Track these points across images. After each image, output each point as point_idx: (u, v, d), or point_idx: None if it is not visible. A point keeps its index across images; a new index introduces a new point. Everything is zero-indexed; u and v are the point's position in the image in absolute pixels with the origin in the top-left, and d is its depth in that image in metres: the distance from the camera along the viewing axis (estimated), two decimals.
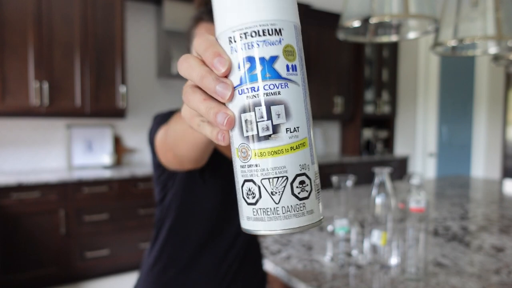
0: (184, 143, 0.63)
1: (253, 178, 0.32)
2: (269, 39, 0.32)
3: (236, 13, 0.32)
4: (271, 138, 0.31)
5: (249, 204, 0.33)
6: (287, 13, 0.33)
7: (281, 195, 0.32)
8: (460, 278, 1.03)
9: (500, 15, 1.60)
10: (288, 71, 0.33)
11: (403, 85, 4.98)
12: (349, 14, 1.34)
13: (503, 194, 2.30)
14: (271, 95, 0.31)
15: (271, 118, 0.31)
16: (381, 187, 1.01)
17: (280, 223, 0.32)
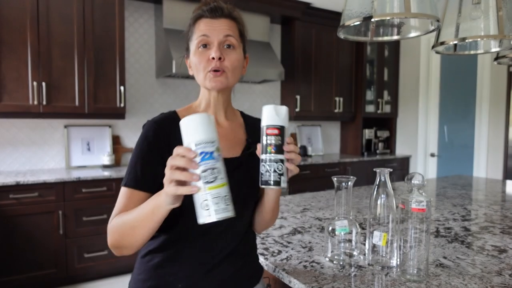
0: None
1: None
2: (209, 145, 0.71)
3: (195, 134, 0.72)
4: (214, 182, 0.71)
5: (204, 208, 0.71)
6: (214, 136, 0.73)
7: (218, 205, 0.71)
8: (462, 280, 1.02)
9: (502, 14, 1.59)
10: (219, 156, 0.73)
11: (404, 84, 4.97)
12: (349, 13, 1.33)
13: (505, 195, 2.28)
14: (211, 166, 0.71)
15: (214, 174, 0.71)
16: (382, 188, 1.00)
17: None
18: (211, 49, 0.93)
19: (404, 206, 1.02)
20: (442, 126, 4.56)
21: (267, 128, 0.83)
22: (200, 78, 0.96)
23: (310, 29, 4.33)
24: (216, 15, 0.95)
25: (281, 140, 0.83)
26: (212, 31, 0.93)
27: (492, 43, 1.84)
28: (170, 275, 0.92)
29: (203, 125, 0.70)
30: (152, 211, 0.79)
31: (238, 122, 1.07)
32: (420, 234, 1.01)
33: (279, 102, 4.57)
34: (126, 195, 0.89)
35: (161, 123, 0.94)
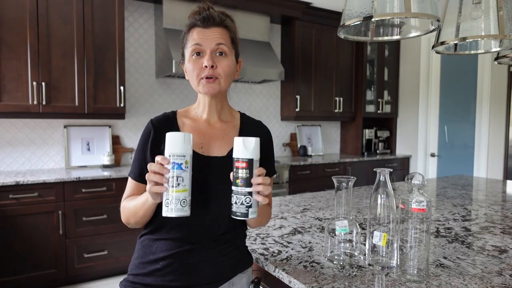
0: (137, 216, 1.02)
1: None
2: (179, 158, 0.87)
3: (171, 148, 0.87)
4: (178, 187, 0.86)
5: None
6: (186, 151, 0.88)
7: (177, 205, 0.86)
8: (462, 280, 1.02)
9: (503, 14, 1.58)
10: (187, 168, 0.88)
11: (404, 84, 4.97)
12: (349, 12, 1.33)
13: (506, 195, 2.28)
14: (178, 174, 0.86)
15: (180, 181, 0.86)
16: (382, 188, 1.00)
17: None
18: (204, 57, 1.02)
19: (404, 206, 1.01)
20: (443, 126, 4.56)
21: (236, 161, 0.89)
22: (194, 84, 1.05)
23: (310, 29, 4.33)
24: (208, 24, 1.03)
25: (249, 173, 0.88)
26: (205, 40, 1.02)
27: (492, 43, 1.84)
28: (153, 253, 1.04)
29: (178, 142, 0.86)
30: (143, 203, 0.97)
31: (233, 123, 1.15)
32: (420, 234, 1.00)
33: (279, 102, 4.57)
34: (132, 186, 1.07)
35: (159, 122, 1.07)
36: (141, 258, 1.06)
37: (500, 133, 4.00)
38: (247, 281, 1.13)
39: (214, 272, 1.05)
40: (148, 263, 1.04)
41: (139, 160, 1.05)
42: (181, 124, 1.09)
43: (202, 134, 1.08)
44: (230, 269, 1.08)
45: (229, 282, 1.08)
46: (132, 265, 1.08)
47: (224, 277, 1.07)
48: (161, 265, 1.02)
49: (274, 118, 4.55)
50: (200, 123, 1.10)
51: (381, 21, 1.49)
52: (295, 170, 3.97)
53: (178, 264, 1.02)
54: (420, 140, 4.75)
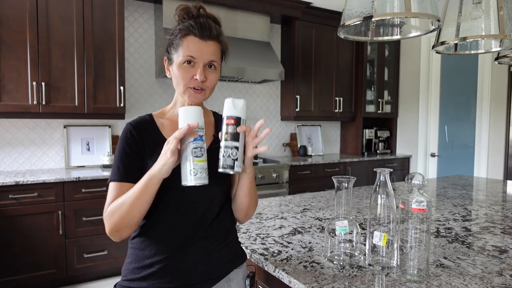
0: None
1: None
2: (200, 130, 0.92)
3: (193, 119, 0.91)
4: (201, 157, 0.91)
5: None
6: (203, 124, 0.94)
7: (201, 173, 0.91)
8: (462, 280, 1.02)
9: (503, 14, 1.58)
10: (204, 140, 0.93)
11: (404, 84, 4.97)
12: (350, 12, 1.33)
13: (506, 195, 2.28)
14: (200, 145, 0.92)
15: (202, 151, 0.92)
16: (382, 188, 1.00)
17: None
18: (195, 69, 1.03)
19: (405, 206, 1.01)
20: (443, 126, 4.56)
21: (226, 118, 0.95)
22: (179, 90, 1.06)
23: (310, 29, 4.33)
24: (204, 36, 1.03)
25: (237, 129, 0.95)
26: (199, 54, 1.03)
27: (493, 43, 1.84)
28: (147, 257, 1.03)
29: (198, 115, 0.92)
30: (145, 184, 0.93)
31: (208, 120, 1.16)
32: (421, 234, 1.00)
33: (279, 102, 4.56)
34: (115, 188, 1.02)
35: (137, 125, 1.06)
36: (135, 263, 1.05)
37: (500, 133, 4.00)
38: (243, 275, 1.14)
39: (210, 269, 1.06)
40: (143, 267, 1.03)
41: (121, 161, 1.02)
42: (160, 125, 1.09)
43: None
44: (225, 266, 1.10)
45: (226, 278, 1.09)
46: (126, 270, 1.07)
47: (220, 273, 1.08)
48: (156, 268, 1.02)
49: (274, 118, 4.55)
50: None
51: (381, 21, 1.49)
52: (295, 170, 3.96)
53: (174, 266, 1.02)
54: (420, 140, 4.74)
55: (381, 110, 4.87)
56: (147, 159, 1.03)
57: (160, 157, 0.91)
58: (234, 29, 3.78)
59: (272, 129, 4.54)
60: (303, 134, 4.74)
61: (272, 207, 1.90)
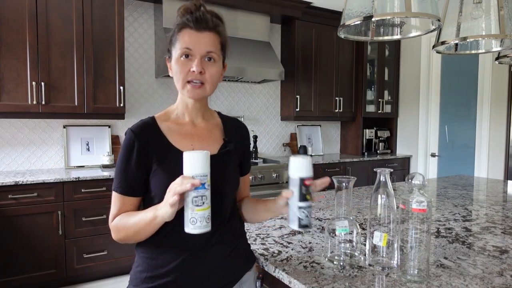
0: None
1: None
2: (203, 178, 0.88)
3: (195, 168, 0.87)
4: (202, 206, 0.88)
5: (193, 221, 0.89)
6: (207, 171, 0.89)
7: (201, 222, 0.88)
8: (463, 280, 1.01)
9: (504, 13, 1.58)
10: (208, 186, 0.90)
11: (404, 84, 4.96)
12: (350, 12, 1.32)
13: (506, 195, 2.28)
14: (201, 194, 0.88)
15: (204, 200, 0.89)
16: (383, 188, 0.99)
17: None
18: (192, 61, 0.99)
19: (405, 206, 1.01)
20: (443, 126, 4.56)
21: (306, 179, 0.95)
22: (179, 85, 1.03)
23: (310, 28, 4.32)
24: (200, 28, 1.00)
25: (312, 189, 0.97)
26: (195, 45, 0.99)
27: (493, 43, 1.84)
28: (162, 266, 1.00)
29: (200, 162, 0.88)
30: (150, 222, 0.93)
31: (215, 122, 1.15)
32: (421, 234, 1.00)
33: (279, 102, 4.56)
34: (119, 200, 1.04)
35: (139, 132, 1.02)
36: (147, 272, 1.01)
37: (500, 133, 3.99)
38: (253, 278, 1.14)
39: (226, 275, 1.05)
40: (157, 276, 1.00)
41: (125, 173, 1.00)
42: (165, 128, 1.05)
43: (190, 136, 1.07)
44: (239, 270, 1.09)
45: (239, 282, 1.09)
46: (138, 279, 1.03)
47: (235, 277, 1.08)
48: (172, 277, 0.99)
49: (274, 118, 4.55)
50: (185, 126, 1.08)
51: (381, 20, 1.49)
52: None
53: (191, 273, 1.00)
54: (421, 140, 4.74)
55: (381, 110, 4.87)
56: (155, 165, 1.00)
57: (163, 203, 0.89)
58: (234, 29, 3.78)
59: (272, 129, 4.54)
60: (303, 134, 4.74)
61: None
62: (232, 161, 1.09)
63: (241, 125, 1.20)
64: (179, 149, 1.03)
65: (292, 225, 0.96)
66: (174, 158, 0.99)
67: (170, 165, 0.99)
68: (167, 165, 0.99)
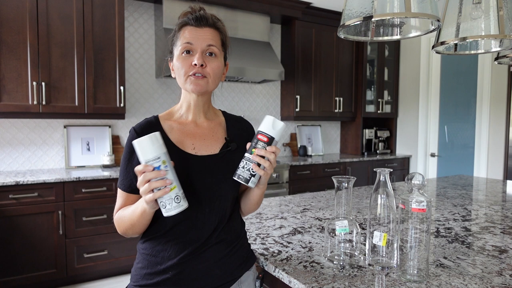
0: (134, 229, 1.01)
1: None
2: (155, 161, 0.86)
3: (144, 154, 0.87)
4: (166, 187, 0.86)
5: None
6: (158, 152, 0.87)
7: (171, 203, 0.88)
8: (462, 280, 1.02)
9: (503, 14, 1.58)
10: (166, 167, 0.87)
11: (404, 84, 4.97)
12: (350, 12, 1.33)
13: (506, 195, 2.28)
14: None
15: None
16: (382, 188, 1.00)
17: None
18: (194, 56, 1.01)
19: (404, 206, 1.01)
20: (443, 126, 4.56)
21: (260, 133, 0.94)
22: (181, 81, 1.03)
23: (310, 29, 4.33)
24: (200, 24, 1.02)
25: (266, 148, 0.95)
26: (196, 39, 1.01)
27: (492, 43, 1.84)
28: (160, 263, 1.01)
29: (147, 146, 0.86)
30: (141, 214, 0.95)
31: (218, 121, 1.15)
32: (421, 234, 1.00)
33: (279, 102, 4.57)
34: (122, 197, 1.05)
35: (141, 130, 1.04)
36: (147, 269, 1.03)
37: (500, 133, 4.00)
38: (253, 277, 1.14)
39: (224, 274, 1.05)
40: (156, 273, 1.01)
41: (127, 171, 1.03)
42: (168, 128, 1.06)
43: (192, 135, 1.08)
44: (238, 269, 1.09)
45: (237, 281, 1.09)
46: (138, 275, 1.05)
47: (233, 277, 1.08)
48: (171, 274, 1.00)
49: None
50: (187, 125, 1.09)
51: (381, 21, 1.49)
52: (295, 170, 3.97)
53: (189, 272, 1.01)
54: (420, 140, 4.75)
55: (381, 110, 4.87)
56: None
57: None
58: (234, 29, 3.79)
59: None
60: (303, 134, 4.74)
61: (272, 207, 1.90)
62: (234, 160, 1.09)
63: (246, 125, 1.20)
64: (180, 148, 1.04)
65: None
66: (174, 158, 1.01)
67: None
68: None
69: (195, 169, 1.03)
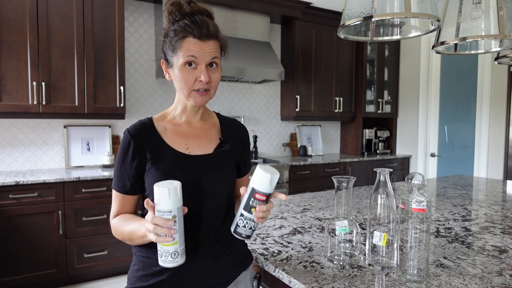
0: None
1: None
2: (166, 214, 0.86)
3: (160, 204, 0.86)
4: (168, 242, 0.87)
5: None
6: (174, 204, 0.86)
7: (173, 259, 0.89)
8: (462, 280, 1.02)
9: (503, 14, 1.58)
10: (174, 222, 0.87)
11: (404, 84, 4.97)
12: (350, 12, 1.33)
13: (506, 195, 2.28)
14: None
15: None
16: (382, 188, 1.00)
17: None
18: (197, 70, 1.00)
19: (404, 206, 1.01)
20: (443, 126, 4.56)
21: (257, 193, 0.92)
22: (184, 94, 1.03)
23: (310, 29, 4.33)
24: (203, 37, 0.99)
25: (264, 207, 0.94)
26: (201, 54, 0.99)
27: (492, 43, 1.84)
28: (156, 265, 0.99)
29: (164, 198, 0.86)
30: (141, 238, 0.96)
31: (212, 122, 1.16)
32: (421, 234, 1.00)
33: (279, 102, 4.57)
34: (117, 198, 1.06)
35: (136, 131, 1.04)
36: (143, 270, 1.03)
37: (500, 133, 4.00)
38: (250, 277, 1.14)
39: (221, 274, 1.05)
40: (152, 275, 1.02)
41: (121, 172, 1.03)
42: (161, 128, 1.06)
43: (186, 135, 1.08)
44: (235, 269, 1.09)
45: (234, 281, 1.09)
46: (134, 277, 1.05)
47: (230, 277, 1.08)
48: (166, 276, 1.00)
49: (274, 118, 4.55)
50: (181, 125, 1.09)
51: (381, 21, 1.49)
52: (295, 170, 3.97)
53: (184, 272, 1.01)
54: (420, 140, 4.75)
55: (381, 110, 4.87)
56: (149, 164, 1.01)
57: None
58: (234, 29, 3.78)
59: (272, 129, 4.54)
60: (303, 134, 4.74)
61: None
62: (227, 161, 1.09)
63: (240, 127, 1.20)
64: (174, 148, 1.04)
65: (231, 226, 0.96)
66: (168, 157, 1.02)
67: (163, 164, 1.01)
68: (160, 164, 1.00)
69: (188, 169, 1.03)
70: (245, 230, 0.94)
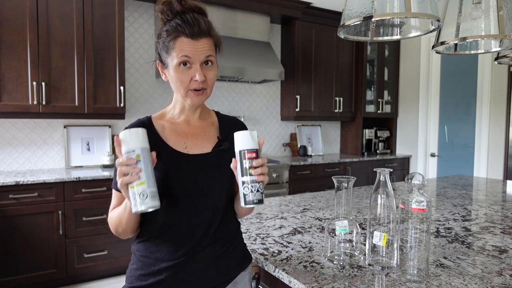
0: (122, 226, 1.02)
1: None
2: (130, 154, 0.86)
3: (122, 146, 0.87)
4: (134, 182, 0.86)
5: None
6: (137, 143, 0.87)
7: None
8: (462, 280, 1.02)
9: (503, 14, 1.58)
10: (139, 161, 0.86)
11: (404, 84, 4.97)
12: (350, 12, 1.33)
13: (506, 195, 2.28)
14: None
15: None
16: (382, 188, 1.00)
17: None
18: (192, 69, 0.99)
19: (405, 206, 1.01)
20: (443, 126, 4.56)
21: (245, 152, 0.91)
22: (181, 93, 1.02)
23: (310, 29, 4.33)
24: (195, 35, 0.98)
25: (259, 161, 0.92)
26: (194, 53, 0.98)
27: (492, 43, 1.84)
28: (155, 264, 1.01)
29: (126, 139, 0.87)
30: (124, 209, 0.97)
31: (211, 121, 1.15)
32: (421, 234, 1.00)
33: (279, 102, 4.57)
34: (116, 197, 1.08)
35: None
36: (141, 270, 1.03)
37: (500, 133, 4.00)
38: (249, 278, 1.14)
39: (220, 274, 1.05)
40: (150, 274, 1.01)
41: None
42: (159, 127, 1.07)
43: (184, 134, 1.08)
44: (234, 269, 1.09)
45: (233, 282, 1.09)
46: (132, 276, 1.05)
47: (228, 277, 1.07)
48: (164, 275, 1.00)
49: (274, 118, 4.55)
50: (179, 124, 1.09)
51: (381, 21, 1.49)
52: (295, 170, 3.97)
53: (183, 272, 1.00)
54: (420, 140, 4.75)
55: (381, 110, 4.87)
56: None
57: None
58: (234, 29, 3.78)
59: (272, 129, 4.54)
60: (303, 134, 4.74)
61: (272, 207, 1.90)
62: (226, 159, 1.07)
63: (240, 125, 1.20)
64: (172, 147, 1.04)
65: (240, 202, 0.92)
66: (166, 156, 1.02)
67: (162, 163, 1.00)
68: (159, 163, 0.99)
69: (186, 168, 1.03)
70: (253, 195, 0.89)
